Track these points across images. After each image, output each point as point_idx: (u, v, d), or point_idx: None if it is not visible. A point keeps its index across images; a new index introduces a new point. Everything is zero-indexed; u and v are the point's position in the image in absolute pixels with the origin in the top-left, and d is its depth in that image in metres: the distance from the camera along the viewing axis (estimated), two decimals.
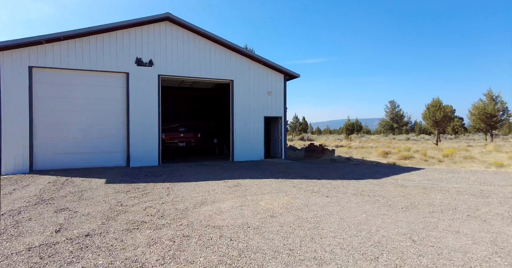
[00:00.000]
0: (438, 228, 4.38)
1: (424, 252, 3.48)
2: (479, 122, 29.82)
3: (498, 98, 29.13)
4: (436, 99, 30.75)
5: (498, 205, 5.73)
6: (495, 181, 8.38)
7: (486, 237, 3.98)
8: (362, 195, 6.69)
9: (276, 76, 14.91)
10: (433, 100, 30.80)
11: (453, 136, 51.40)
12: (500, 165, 11.23)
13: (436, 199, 6.29)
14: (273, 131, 16.14)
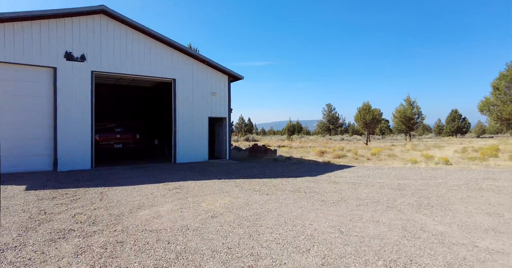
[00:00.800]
0: (362, 219, 4.90)
1: (349, 241, 3.88)
2: (400, 124, 33.92)
3: (415, 103, 33.57)
4: (366, 103, 34.03)
5: (410, 196, 6.62)
6: (410, 175, 9.65)
7: (399, 224, 4.59)
8: (299, 191, 7.12)
9: (220, 77, 14.93)
10: (364, 104, 34.03)
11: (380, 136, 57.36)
12: (415, 162, 12.94)
13: (363, 193, 7.00)
14: (218, 132, 16.11)
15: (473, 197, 6.43)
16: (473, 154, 16.02)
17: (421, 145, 26.31)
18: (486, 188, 7.38)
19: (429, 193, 6.88)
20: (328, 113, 64.42)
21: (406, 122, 32.96)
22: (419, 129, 64.21)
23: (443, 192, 6.99)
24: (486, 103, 26.19)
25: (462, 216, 5.06)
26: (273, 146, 27.54)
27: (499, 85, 25.34)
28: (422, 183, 8.28)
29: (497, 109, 25.14)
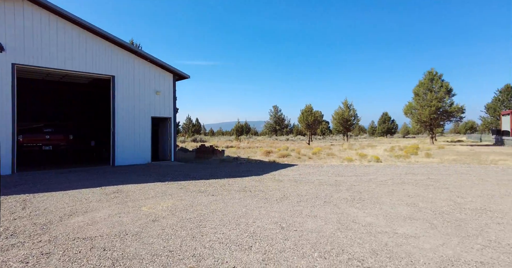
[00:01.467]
0: (302, 214, 5.19)
1: (289, 236, 4.09)
2: (339, 126, 36.62)
3: (351, 106, 36.59)
4: (309, 105, 35.96)
5: (345, 191, 7.22)
6: (345, 172, 10.49)
7: (334, 218, 4.98)
8: (245, 191, 7.25)
9: (165, 75, 14.40)
10: (306, 106, 35.92)
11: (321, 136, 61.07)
12: (350, 160, 14.11)
13: (303, 190, 7.41)
14: (162, 132, 15.49)
15: (397, 191, 7.26)
16: (399, 152, 18.04)
17: (357, 145, 28.73)
18: (407, 182, 8.39)
19: (361, 188, 7.58)
20: (275, 114, 66.46)
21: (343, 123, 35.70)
22: (355, 130, 70.01)
23: (373, 187, 7.76)
24: (409, 107, 29.71)
25: (387, 207, 5.69)
26: (221, 146, 27.44)
27: (418, 91, 28.96)
28: (356, 179, 9.07)
29: (417, 113, 28.69)
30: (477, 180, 8.53)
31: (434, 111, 27.17)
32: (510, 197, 6.37)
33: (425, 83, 28.46)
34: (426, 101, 27.70)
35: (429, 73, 28.74)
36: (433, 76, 28.45)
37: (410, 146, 22.21)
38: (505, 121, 28.58)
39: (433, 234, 4.19)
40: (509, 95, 40.99)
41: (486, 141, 32.90)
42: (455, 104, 27.67)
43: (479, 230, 4.33)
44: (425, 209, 5.53)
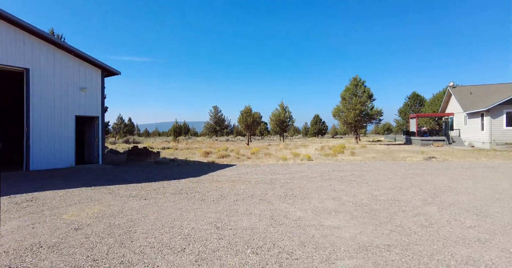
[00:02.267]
0: (238, 213, 5.30)
1: (224, 235, 4.15)
2: (276, 127, 38.15)
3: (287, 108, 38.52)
4: (248, 107, 36.67)
5: (279, 188, 7.58)
6: (280, 171, 11.00)
7: (268, 214, 5.21)
8: (181, 193, 7.07)
9: (92, 70, 13.16)
10: (245, 108, 36.56)
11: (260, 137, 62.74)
12: (285, 159, 14.84)
13: (240, 189, 7.55)
14: (88, 133, 14.12)
15: (325, 186, 7.90)
16: (328, 151, 19.60)
17: (292, 144, 30.29)
18: (333, 178, 9.18)
19: (294, 185, 8.05)
20: (215, 115, 65.98)
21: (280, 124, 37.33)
22: (291, 131, 73.67)
23: (304, 183, 8.30)
24: (337, 110, 32.50)
25: (315, 202, 6.16)
26: (157, 148, 26.17)
27: (345, 96, 31.90)
28: (290, 176, 9.59)
29: (344, 115, 31.57)
30: (390, 175, 9.78)
31: (358, 114, 30.29)
32: (413, 188, 7.47)
33: (351, 88, 31.54)
34: (352, 105, 30.71)
35: (354, 79, 31.92)
36: (357, 83, 31.67)
37: (338, 145, 24.31)
38: (412, 124, 33.34)
39: (353, 224, 4.69)
40: (416, 101, 47.91)
41: (399, 141, 37.86)
42: (375, 108, 31.27)
43: (389, 218, 5.00)
44: (348, 202, 6.14)
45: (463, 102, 25.76)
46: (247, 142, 37.58)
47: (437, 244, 3.80)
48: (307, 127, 72.33)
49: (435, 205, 5.77)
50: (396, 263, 3.27)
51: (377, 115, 31.58)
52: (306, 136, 70.30)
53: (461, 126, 26.75)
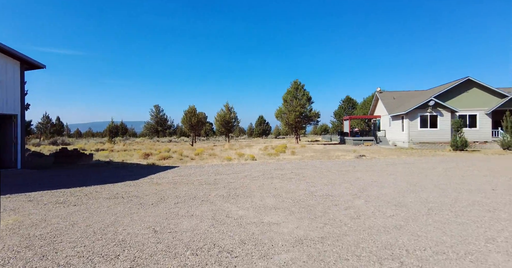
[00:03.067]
0: (178, 215, 5.17)
1: (162, 239, 4.01)
2: (221, 127, 38.01)
3: (232, 109, 38.69)
4: (192, 106, 35.82)
5: (223, 189, 7.59)
6: (224, 171, 11.02)
7: (210, 215, 5.18)
8: (116, 197, 6.61)
9: (7, 61, 11.51)
10: (190, 107, 35.66)
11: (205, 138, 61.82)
12: (230, 159, 14.91)
13: (182, 191, 7.36)
14: (5, 133, 12.29)
15: (266, 184, 8.15)
16: (271, 151, 20.24)
17: (237, 145, 30.52)
18: (275, 177, 9.53)
19: (237, 185, 8.14)
20: (157, 114, 62.95)
21: (225, 125, 37.31)
22: (236, 132, 74.15)
23: (247, 183, 8.45)
24: (280, 112, 33.76)
25: (257, 200, 6.32)
26: (90, 150, 23.99)
27: (286, 98, 33.30)
28: (233, 176, 9.66)
29: (285, 117, 32.93)
30: (326, 172, 10.51)
31: (298, 115, 31.89)
32: (345, 184, 8.16)
33: (292, 91, 33.07)
34: (292, 107, 32.21)
35: (295, 83, 33.53)
36: (298, 86, 33.34)
37: (280, 145, 25.26)
38: (346, 125, 36.34)
39: (291, 219, 4.94)
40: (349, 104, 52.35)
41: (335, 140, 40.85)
42: (313, 110, 33.28)
43: (323, 212, 5.39)
44: (287, 199, 6.44)
45: (388, 106, 28.94)
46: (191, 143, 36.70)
47: (363, 234, 4.23)
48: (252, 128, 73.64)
49: (363, 199, 6.38)
50: (328, 253, 3.54)
51: (315, 117, 33.62)
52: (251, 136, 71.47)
53: (386, 128, 29.99)
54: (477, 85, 23.41)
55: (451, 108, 23.16)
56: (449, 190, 7.16)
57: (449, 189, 7.28)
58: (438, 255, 3.47)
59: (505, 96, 22.85)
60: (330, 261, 3.32)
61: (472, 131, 22.99)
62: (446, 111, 23.44)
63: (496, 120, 22.89)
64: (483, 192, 6.83)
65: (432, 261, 3.32)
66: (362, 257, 3.44)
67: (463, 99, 23.56)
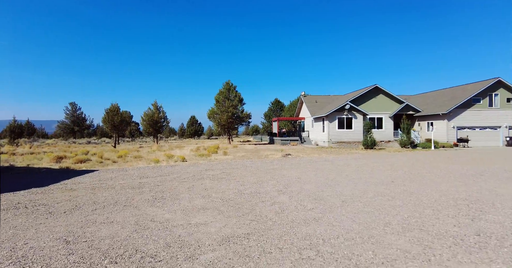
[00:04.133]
0: (96, 223, 4.72)
1: (75, 249, 3.62)
2: (148, 127, 35.83)
3: (161, 108, 36.86)
4: (115, 105, 32.95)
5: (148, 192, 7.21)
6: (151, 174, 10.46)
7: (132, 220, 4.88)
8: (17, 208, 5.70)
9: None
10: (112, 105, 32.74)
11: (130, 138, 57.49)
12: (157, 161, 14.21)
13: (101, 197, 6.74)
14: None
15: (196, 186, 8.04)
16: (203, 151, 19.97)
17: (166, 146, 29.22)
18: (206, 177, 9.46)
19: (165, 187, 7.82)
20: (72, 113, 55.98)
21: (153, 125, 35.31)
22: (166, 132, 70.94)
23: (176, 185, 8.19)
24: (212, 112, 33.56)
25: (185, 202, 6.19)
26: None
27: (219, 99, 33.31)
28: (161, 179, 9.25)
29: (218, 117, 32.90)
30: (255, 170, 10.87)
31: (230, 116, 32.17)
32: (272, 181, 8.58)
33: (224, 92, 33.20)
34: (225, 108, 32.35)
35: (227, 84, 33.74)
36: (230, 87, 33.64)
37: (212, 146, 25.12)
38: (274, 126, 38.15)
39: (219, 218, 4.98)
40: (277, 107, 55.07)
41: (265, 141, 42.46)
42: (245, 111, 34.00)
43: (250, 209, 5.57)
44: (217, 198, 6.46)
45: (311, 109, 31.36)
46: (113, 144, 33.70)
47: (285, 227, 4.52)
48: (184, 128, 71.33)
49: (287, 194, 6.81)
50: (253, 249, 3.69)
51: (247, 118, 34.42)
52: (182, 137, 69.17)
53: (310, 129, 32.44)
54: (383, 92, 27.09)
55: (363, 111, 26.32)
56: (360, 183, 8.15)
57: (359, 182, 8.28)
58: (348, 241, 3.94)
59: (402, 102, 26.99)
60: (255, 256, 3.47)
61: (379, 132, 26.52)
62: (359, 114, 26.54)
63: (396, 122, 26.88)
64: (385, 184, 7.97)
65: (343, 247, 3.75)
66: (284, 249, 3.68)
67: (372, 104, 26.99)
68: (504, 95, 24.88)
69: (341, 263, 3.28)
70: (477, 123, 24.82)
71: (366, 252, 3.55)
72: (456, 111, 24.54)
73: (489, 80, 24.99)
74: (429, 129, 26.25)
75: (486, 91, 24.74)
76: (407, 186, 7.61)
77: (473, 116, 24.75)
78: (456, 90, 28.10)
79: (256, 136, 52.43)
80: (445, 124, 24.65)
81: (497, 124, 24.84)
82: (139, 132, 66.34)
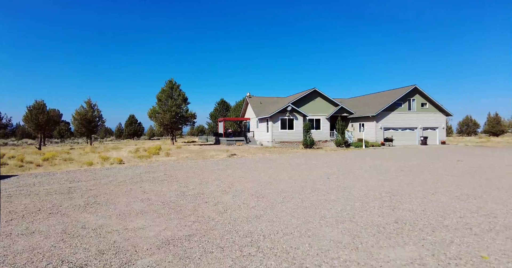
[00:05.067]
0: (11, 236, 4.16)
1: None
2: (81, 127, 32.61)
3: (96, 106, 33.84)
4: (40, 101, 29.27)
5: (79, 198, 6.58)
6: (83, 177, 9.57)
7: (59, 229, 4.41)
8: None
9: None
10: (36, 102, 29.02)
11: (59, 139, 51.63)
12: (91, 164, 13.04)
13: (20, 205, 5.96)
14: None
15: (134, 189, 7.59)
16: (143, 153, 18.92)
17: (101, 147, 26.97)
18: (145, 180, 8.99)
19: (99, 192, 7.23)
20: None
21: (87, 125, 32.25)
22: (102, 132, 65.39)
23: (111, 189, 7.63)
24: (153, 111, 31.98)
25: (122, 206, 5.81)
26: None
27: (161, 97, 31.92)
28: (94, 183, 8.52)
29: (160, 117, 31.49)
30: (199, 171, 10.70)
31: (173, 115, 31.04)
32: (216, 181, 8.55)
33: (167, 90, 31.90)
34: (168, 107, 31.11)
35: (170, 82, 32.50)
36: (173, 85, 32.47)
37: (154, 147, 23.95)
38: (220, 126, 38.01)
39: (159, 221, 4.80)
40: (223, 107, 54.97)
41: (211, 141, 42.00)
42: (189, 111, 33.15)
43: (193, 210, 5.48)
44: (157, 201, 6.20)
45: (256, 109, 32.02)
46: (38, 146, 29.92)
47: (228, 226, 4.56)
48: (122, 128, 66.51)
49: (231, 194, 6.86)
50: (194, 250, 3.65)
51: (192, 118, 33.62)
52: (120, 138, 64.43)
53: (255, 129, 33.09)
54: (321, 95, 28.96)
55: (303, 113, 27.79)
56: (299, 180, 8.60)
57: (299, 179, 8.74)
58: (286, 235, 4.14)
59: (338, 105, 29.23)
60: (196, 257, 3.44)
61: (317, 133, 28.28)
62: (300, 116, 27.95)
63: (332, 123, 28.98)
64: (322, 181, 8.55)
65: (282, 241, 3.93)
66: (225, 247, 3.71)
67: (311, 106, 28.66)
68: (419, 101, 28.64)
69: (280, 257, 3.44)
70: (400, 124, 28.10)
71: (303, 245, 3.78)
72: (383, 114, 27.43)
73: (408, 87, 28.50)
74: (361, 130, 28.88)
75: (406, 97, 28.16)
76: (340, 182, 8.28)
77: (396, 119, 27.96)
78: (382, 95, 31.40)
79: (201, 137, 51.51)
80: (374, 125, 27.39)
81: (415, 126, 28.48)
82: (70, 133, 60.01)
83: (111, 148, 26.64)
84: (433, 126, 28.97)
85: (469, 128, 57.77)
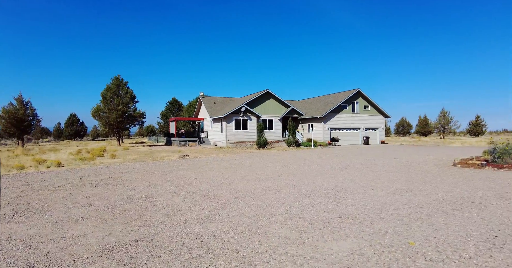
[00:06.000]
0: None
1: None
2: (11, 127, 28.89)
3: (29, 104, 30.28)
4: None
5: (6, 206, 5.85)
6: (11, 183, 8.51)
7: None
8: None
9: None
10: None
11: None
12: (22, 167, 11.66)
13: None
14: None
15: (75, 193, 7.00)
16: (86, 154, 17.48)
17: (36, 149, 24.29)
18: (88, 184, 8.33)
19: (31, 198, 6.51)
20: None
21: (17, 124, 28.68)
22: (37, 133, 58.81)
23: (47, 194, 6.93)
24: (97, 110, 29.70)
25: (59, 213, 5.32)
26: None
27: (106, 95, 29.80)
28: (26, 188, 7.65)
29: (105, 116, 29.36)
30: (147, 174, 10.23)
31: (120, 115, 29.14)
32: (166, 183, 8.27)
33: (113, 88, 29.83)
34: (114, 105, 29.10)
35: (116, 79, 30.46)
36: (120, 83, 30.49)
37: (98, 148, 22.26)
38: (172, 126, 36.76)
39: (102, 227, 4.50)
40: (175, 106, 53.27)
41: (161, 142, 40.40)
42: (138, 110, 31.44)
43: (140, 214, 5.24)
44: (100, 206, 5.80)
45: (210, 109, 31.64)
46: None
47: (177, 229, 4.45)
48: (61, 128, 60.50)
49: (182, 196, 6.69)
50: (140, 255, 3.49)
51: (140, 117, 31.96)
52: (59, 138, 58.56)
53: (209, 129, 32.67)
54: (273, 96, 29.69)
55: (257, 114, 28.21)
56: (251, 180, 8.73)
57: (251, 179, 8.86)
58: (237, 234, 4.18)
59: (289, 107, 30.26)
60: (142, 262, 3.30)
61: (270, 133, 28.94)
62: (254, 116, 28.32)
63: (284, 124, 29.92)
64: (273, 179, 8.79)
65: (232, 240, 3.95)
66: (174, 251, 3.62)
67: (264, 107, 29.24)
68: (362, 103, 30.97)
69: (230, 256, 3.46)
70: (345, 125, 30.06)
71: (253, 243, 3.86)
72: (329, 115, 29.08)
73: (352, 90, 30.63)
74: (310, 130, 30.26)
75: (350, 100, 30.23)
76: (290, 180, 8.59)
77: (342, 120, 29.86)
78: (329, 97, 33.29)
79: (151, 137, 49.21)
80: (322, 126, 28.90)
81: (358, 127, 30.71)
82: None
83: (48, 149, 24.13)
84: (374, 127, 31.54)
85: (404, 129, 64.16)
